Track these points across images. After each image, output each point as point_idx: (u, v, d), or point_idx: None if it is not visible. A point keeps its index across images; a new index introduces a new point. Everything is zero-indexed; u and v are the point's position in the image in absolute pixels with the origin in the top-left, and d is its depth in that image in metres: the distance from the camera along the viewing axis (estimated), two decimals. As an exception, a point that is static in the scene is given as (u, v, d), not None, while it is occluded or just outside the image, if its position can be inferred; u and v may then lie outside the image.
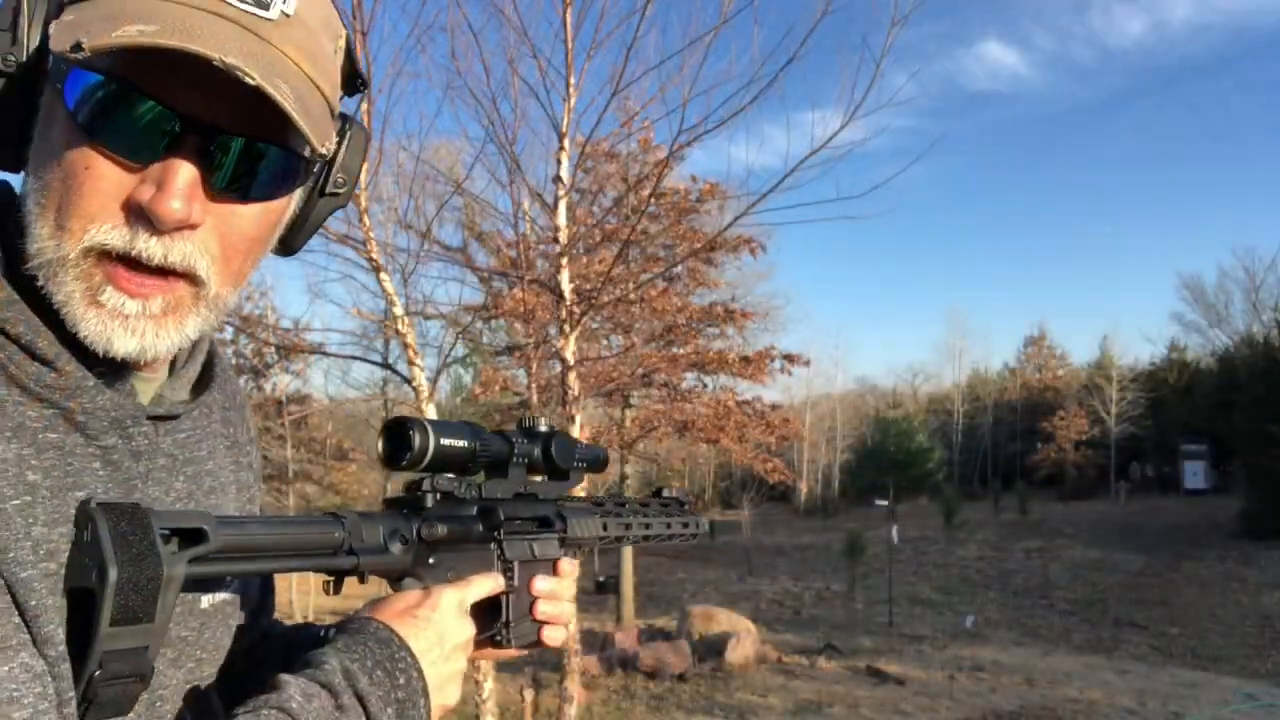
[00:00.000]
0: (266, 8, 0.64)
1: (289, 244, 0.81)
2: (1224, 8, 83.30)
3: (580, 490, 1.21)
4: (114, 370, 0.69)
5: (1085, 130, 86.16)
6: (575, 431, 6.05)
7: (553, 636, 0.99)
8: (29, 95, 0.65)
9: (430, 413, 5.66)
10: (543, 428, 1.00)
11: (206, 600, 0.79)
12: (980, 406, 49.32)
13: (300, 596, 19.00)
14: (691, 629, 14.04)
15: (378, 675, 0.71)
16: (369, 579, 0.80)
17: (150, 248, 0.63)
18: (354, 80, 0.80)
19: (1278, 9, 71.86)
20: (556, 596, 0.98)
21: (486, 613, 0.92)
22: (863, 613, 18.13)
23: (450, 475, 0.87)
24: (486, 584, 0.88)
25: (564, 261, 6.07)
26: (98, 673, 0.60)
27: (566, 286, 6.06)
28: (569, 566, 1.03)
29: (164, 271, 0.65)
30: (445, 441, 0.84)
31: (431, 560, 0.85)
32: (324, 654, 0.72)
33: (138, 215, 0.63)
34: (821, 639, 14.85)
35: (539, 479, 1.01)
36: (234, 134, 0.64)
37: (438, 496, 0.86)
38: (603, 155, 11.84)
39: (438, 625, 0.79)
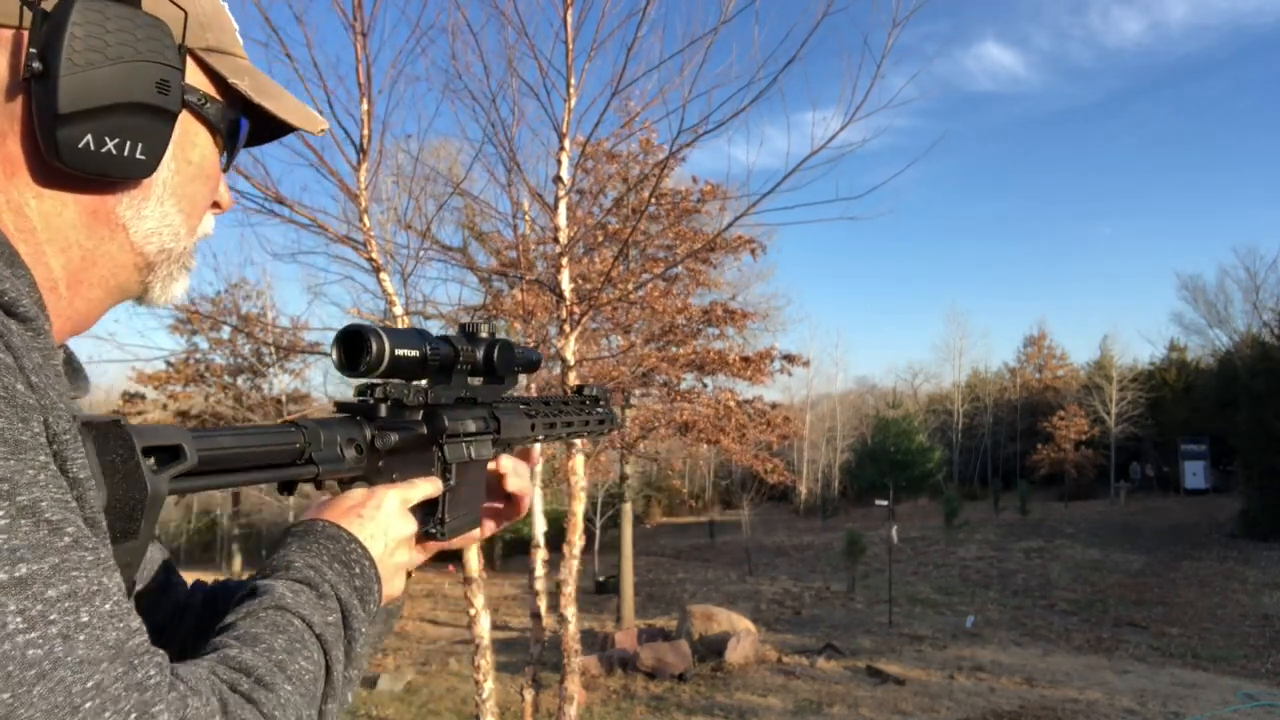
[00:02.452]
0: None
1: None
2: (1222, 8, 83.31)
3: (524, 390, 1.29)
4: None
5: (1084, 130, 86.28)
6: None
7: (483, 527, 1.09)
8: None
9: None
10: (484, 334, 1.04)
11: None
12: (980, 406, 49.32)
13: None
14: (691, 629, 14.04)
15: (336, 567, 0.76)
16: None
17: (209, 228, 0.84)
18: None
19: (1276, 9, 71.91)
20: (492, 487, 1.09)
21: (424, 510, 0.96)
22: (863, 613, 18.13)
23: (399, 381, 0.91)
24: (427, 487, 0.93)
25: (564, 261, 6.07)
26: None
27: (566, 286, 6.06)
28: (509, 463, 1.11)
29: None
30: (400, 350, 0.87)
31: (380, 464, 0.89)
32: (286, 556, 0.76)
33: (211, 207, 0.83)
34: (821, 639, 14.85)
35: (478, 382, 1.05)
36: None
37: (389, 403, 0.89)
38: (603, 155, 11.84)
39: (382, 521, 0.84)
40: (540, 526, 6.40)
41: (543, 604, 6.43)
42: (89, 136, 0.67)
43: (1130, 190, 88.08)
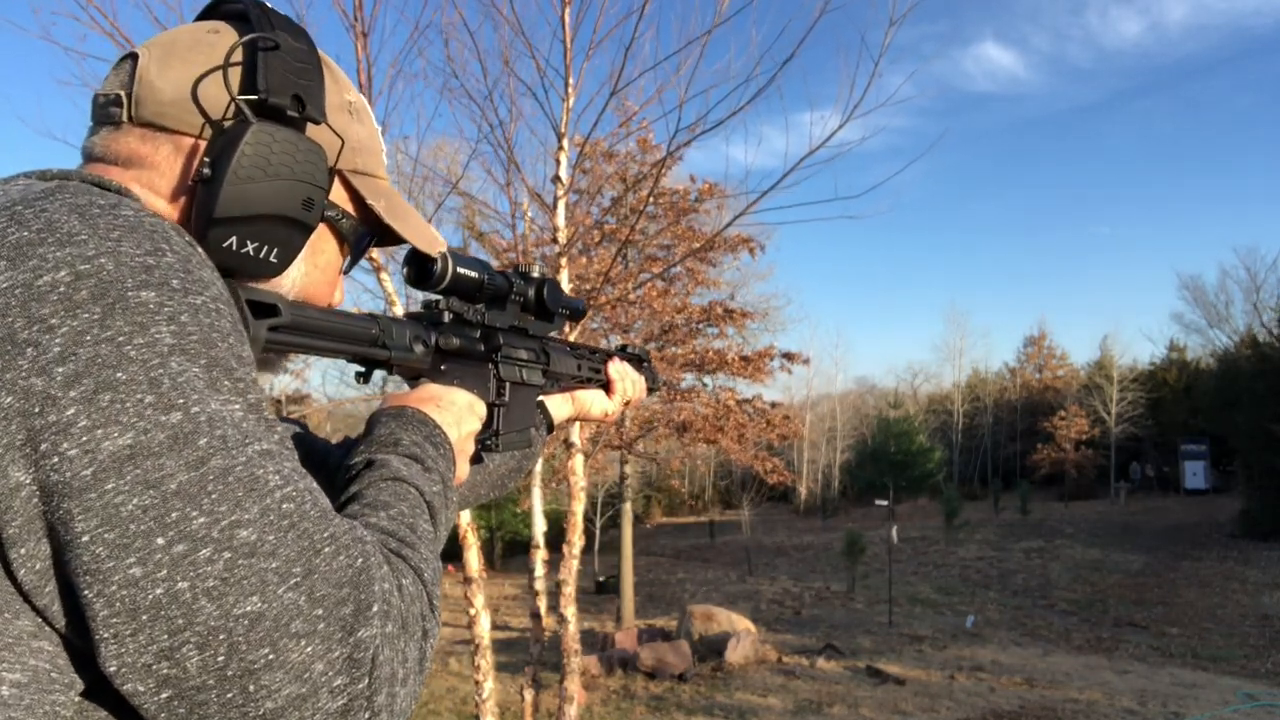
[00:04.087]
0: None
1: None
2: (1221, 9, 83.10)
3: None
4: None
5: (1084, 130, 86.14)
6: (576, 429, 6.05)
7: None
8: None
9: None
10: (535, 274, 1.13)
11: None
12: (980, 406, 49.29)
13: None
14: (691, 629, 14.04)
15: (429, 448, 0.87)
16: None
17: None
18: None
19: (1276, 9, 71.85)
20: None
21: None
22: (863, 613, 18.12)
23: (460, 301, 1.02)
24: (483, 407, 1.04)
25: (563, 262, 6.07)
26: None
27: (566, 287, 6.07)
28: (616, 369, 1.35)
29: None
30: (462, 270, 0.98)
31: (443, 368, 1.00)
32: (394, 434, 0.86)
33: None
34: (821, 639, 14.85)
35: (529, 319, 1.16)
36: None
37: (450, 316, 1.01)
38: (601, 155, 11.84)
39: (455, 413, 0.95)
40: (540, 526, 6.40)
41: (543, 604, 6.43)
42: (234, 239, 0.75)
43: (1130, 190, 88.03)
